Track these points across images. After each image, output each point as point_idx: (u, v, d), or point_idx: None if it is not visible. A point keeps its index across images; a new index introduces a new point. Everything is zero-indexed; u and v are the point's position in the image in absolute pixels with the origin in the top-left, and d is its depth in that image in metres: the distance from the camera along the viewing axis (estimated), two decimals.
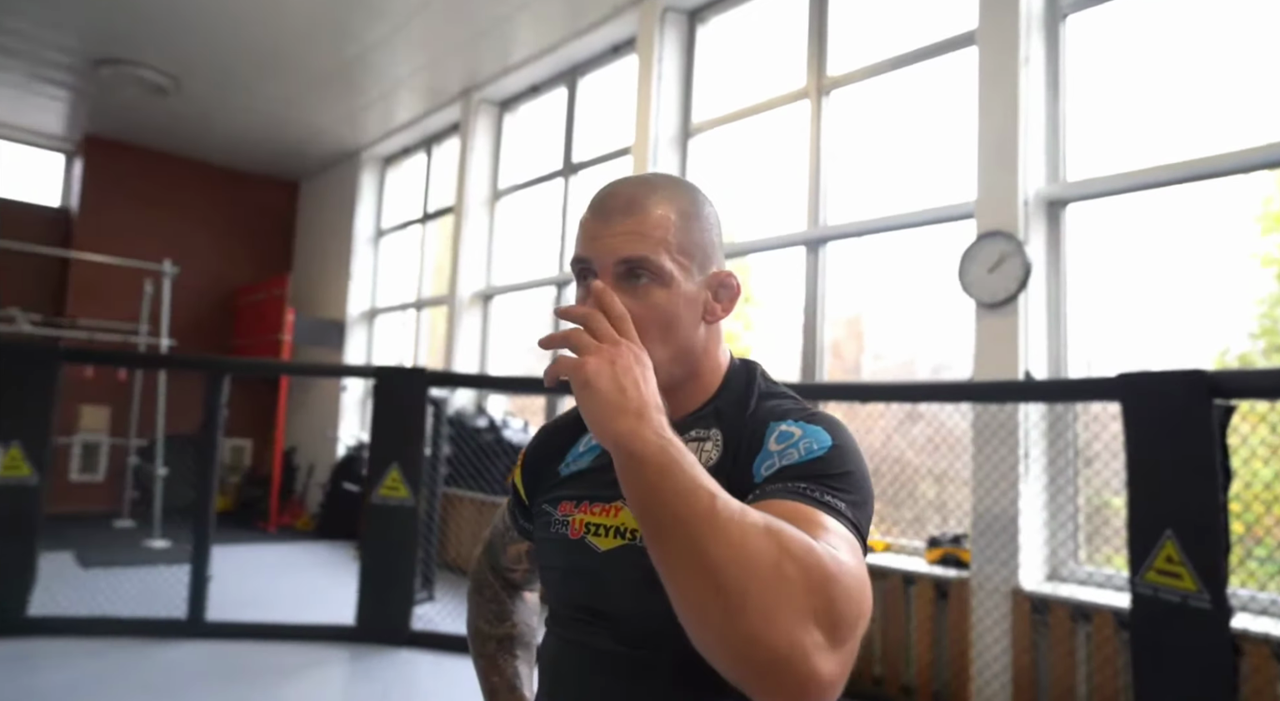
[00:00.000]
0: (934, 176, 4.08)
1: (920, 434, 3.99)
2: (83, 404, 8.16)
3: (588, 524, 0.86)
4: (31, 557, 4.19)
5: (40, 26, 6.06)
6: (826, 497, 0.72)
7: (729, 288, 0.88)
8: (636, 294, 0.81)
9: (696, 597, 0.59)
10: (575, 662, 0.87)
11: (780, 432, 0.81)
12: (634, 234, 0.81)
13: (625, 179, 0.87)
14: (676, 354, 0.84)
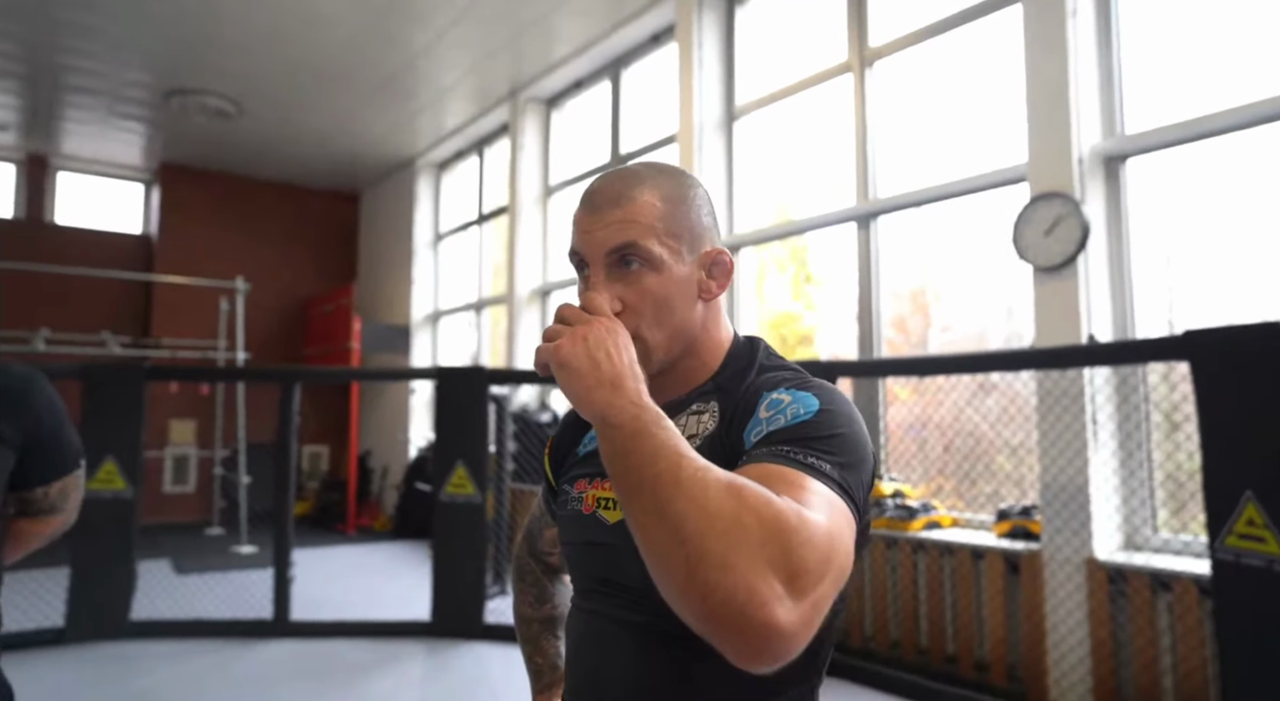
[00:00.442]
0: (984, 141, 3.96)
1: (994, 406, 3.87)
2: (171, 419, 8.58)
3: (598, 498, 0.89)
4: (131, 565, 4.43)
5: (117, 66, 6.39)
6: (810, 459, 0.72)
7: (721, 265, 0.90)
8: (629, 280, 0.84)
9: (660, 550, 0.62)
10: (594, 632, 0.89)
11: (771, 400, 0.82)
12: (620, 223, 0.84)
13: (611, 172, 0.90)
14: (674, 333, 0.87)
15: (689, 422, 0.88)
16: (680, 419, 0.88)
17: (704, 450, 0.82)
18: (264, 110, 7.30)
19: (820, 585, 0.60)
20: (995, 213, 3.85)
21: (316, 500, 8.80)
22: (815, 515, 0.64)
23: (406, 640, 4.30)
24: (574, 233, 0.88)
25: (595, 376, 0.71)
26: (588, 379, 0.71)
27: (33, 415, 1.40)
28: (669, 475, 0.63)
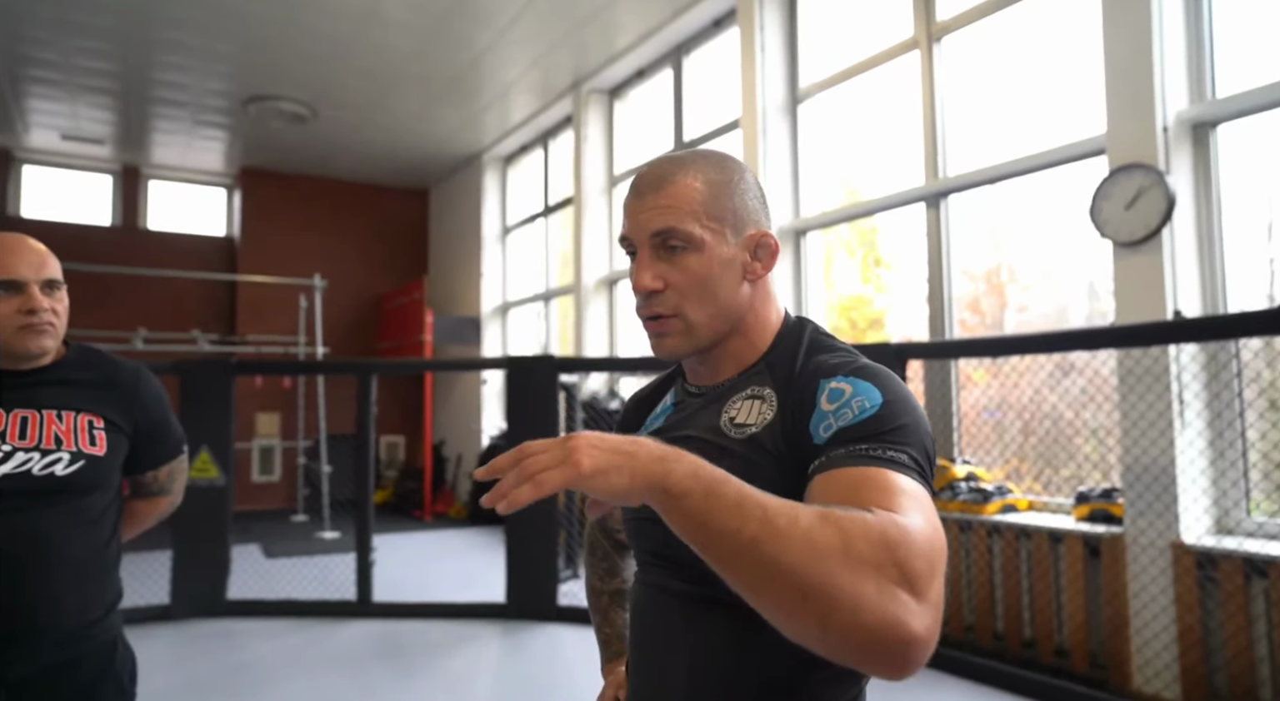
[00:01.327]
0: (1059, 114, 3.84)
1: (1074, 387, 3.76)
2: (257, 412, 8.96)
3: None
4: (225, 549, 4.67)
5: (200, 77, 6.70)
6: (889, 453, 0.74)
7: (766, 247, 0.92)
8: (673, 262, 0.88)
9: (785, 607, 0.61)
10: (652, 603, 0.93)
11: (831, 390, 0.82)
12: (664, 207, 0.88)
13: (657, 158, 0.93)
14: (718, 312, 0.90)
15: (745, 408, 0.89)
16: (736, 402, 0.91)
17: (763, 438, 0.85)
18: (336, 113, 7.53)
19: (935, 581, 0.62)
20: (1073, 187, 3.73)
21: (394, 488, 9.07)
22: (911, 518, 0.66)
23: (483, 621, 4.43)
24: (623, 217, 0.93)
25: (632, 462, 0.65)
26: (626, 468, 0.65)
27: (142, 405, 1.52)
28: (765, 531, 0.61)
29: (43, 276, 1.38)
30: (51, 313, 1.38)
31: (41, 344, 1.38)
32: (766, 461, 0.84)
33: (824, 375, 0.85)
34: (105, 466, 1.43)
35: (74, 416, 1.41)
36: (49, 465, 1.36)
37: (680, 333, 0.90)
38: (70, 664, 1.38)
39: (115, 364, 1.53)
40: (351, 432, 5.18)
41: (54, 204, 8.97)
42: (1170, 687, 2.91)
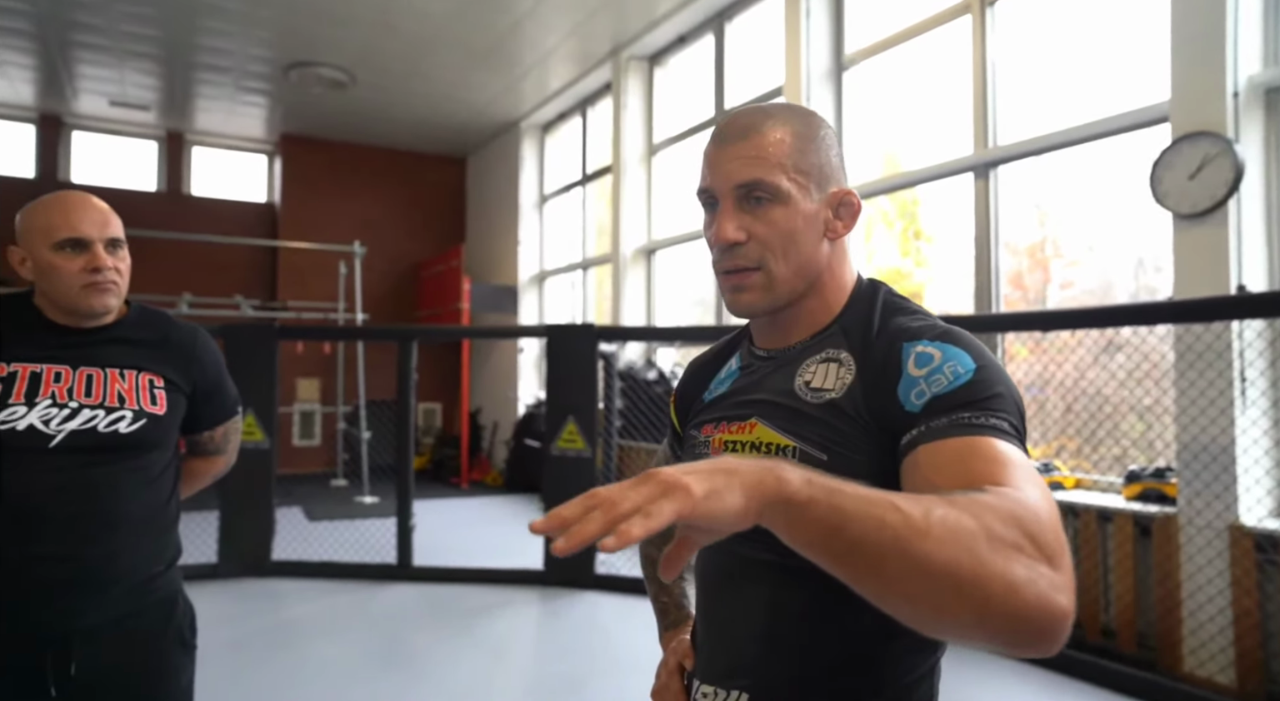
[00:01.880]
0: (1118, 80, 3.70)
1: (1121, 366, 3.67)
2: (298, 377, 9.09)
3: (725, 442, 0.91)
4: (270, 511, 4.77)
5: (242, 43, 6.72)
6: (991, 421, 0.72)
7: (849, 205, 0.90)
8: (757, 214, 0.86)
9: (939, 606, 0.58)
10: (727, 572, 0.91)
11: (918, 355, 0.80)
12: (750, 158, 0.85)
13: (742, 108, 0.90)
14: (799, 268, 0.87)
15: (820, 371, 0.87)
16: (810, 365, 0.88)
17: (842, 404, 0.82)
18: (376, 79, 7.52)
19: (1066, 552, 0.61)
20: (1127, 158, 3.61)
21: (431, 455, 9.19)
22: (1029, 492, 0.64)
23: (521, 587, 4.48)
24: (703, 168, 0.89)
25: (739, 478, 0.58)
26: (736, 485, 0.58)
27: (200, 365, 1.53)
28: (906, 528, 0.57)
29: (106, 235, 1.39)
30: (114, 271, 1.39)
31: (105, 302, 1.39)
32: (848, 426, 0.81)
33: (906, 338, 0.82)
34: (165, 425, 1.45)
35: (136, 375, 1.43)
36: (113, 422, 1.38)
37: (761, 287, 0.87)
38: (135, 615, 1.42)
39: (175, 324, 1.54)
40: (390, 399, 5.24)
41: (102, 169, 9.11)
42: (1225, 671, 2.85)
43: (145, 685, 1.44)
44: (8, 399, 1.32)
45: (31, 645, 1.33)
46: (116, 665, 1.39)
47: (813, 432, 0.83)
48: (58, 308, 1.40)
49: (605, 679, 3.22)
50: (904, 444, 0.76)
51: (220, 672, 3.16)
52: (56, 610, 1.33)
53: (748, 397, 0.92)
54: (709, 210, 0.90)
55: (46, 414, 1.34)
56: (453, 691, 3.08)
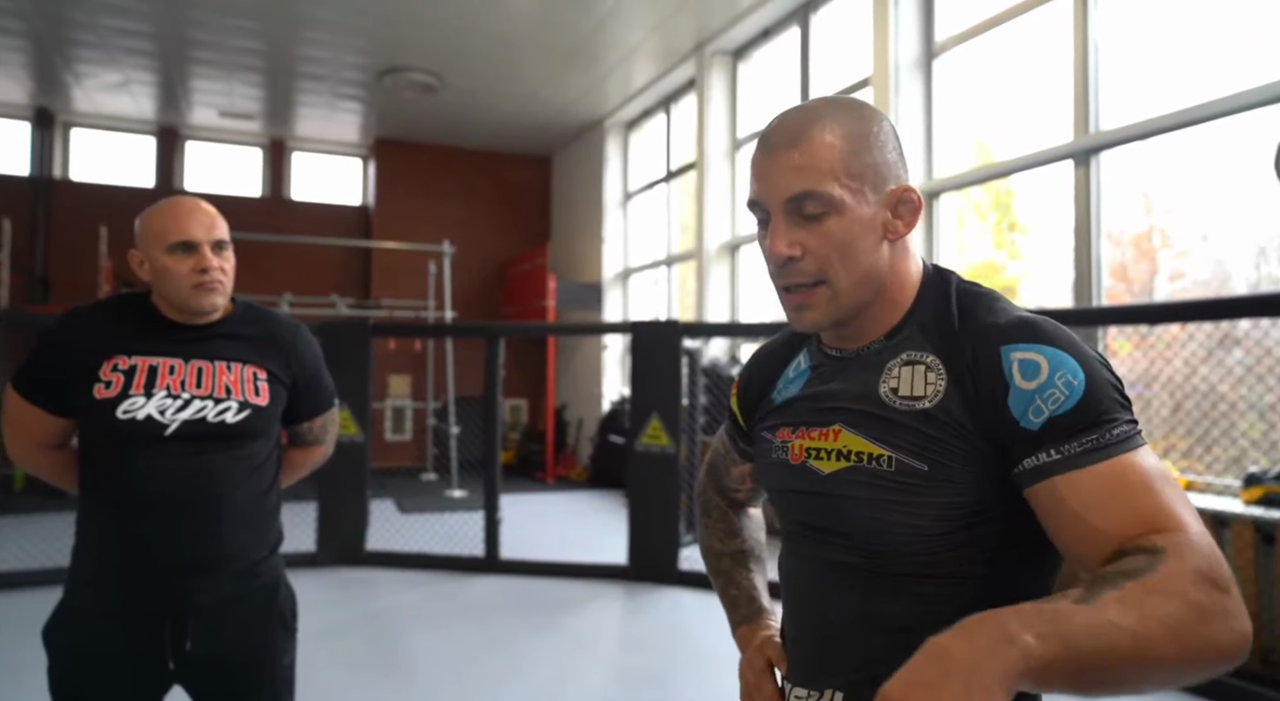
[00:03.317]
0: (1235, 56, 3.47)
1: (1239, 361, 3.44)
2: (390, 374, 9.41)
3: (807, 448, 0.89)
4: (364, 503, 4.95)
5: (339, 51, 7.01)
6: (1117, 431, 0.74)
7: (908, 203, 0.85)
8: (811, 227, 0.82)
9: (1165, 683, 0.64)
10: (811, 574, 0.91)
11: (1021, 363, 0.77)
12: (799, 167, 0.81)
13: (789, 110, 0.86)
14: (862, 277, 0.84)
15: (906, 376, 0.84)
16: (893, 370, 0.85)
17: (939, 413, 0.80)
18: (464, 82, 7.71)
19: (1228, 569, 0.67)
20: (1242, 139, 3.39)
21: (517, 450, 9.37)
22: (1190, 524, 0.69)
23: (605, 582, 4.52)
24: (752, 178, 0.86)
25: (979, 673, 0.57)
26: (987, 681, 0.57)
27: (299, 359, 1.61)
28: (1133, 645, 0.60)
29: (213, 237, 1.48)
30: (220, 271, 1.48)
31: (213, 301, 1.48)
32: (945, 434, 0.79)
33: (1002, 341, 0.79)
34: (268, 415, 1.53)
35: (241, 368, 1.51)
36: (221, 413, 1.46)
37: (825, 303, 0.84)
38: (242, 598, 1.50)
39: (277, 320, 1.62)
40: (478, 395, 5.37)
41: (212, 177, 9.64)
42: None
43: (252, 663, 1.53)
44: (129, 390, 1.42)
45: (151, 621, 1.42)
46: (226, 643, 1.47)
47: (907, 441, 0.81)
48: (171, 306, 1.49)
49: (688, 673, 3.22)
50: (1030, 468, 0.75)
51: (320, 656, 3.31)
52: (172, 589, 1.43)
53: (828, 403, 0.89)
54: (762, 224, 0.86)
55: (163, 404, 1.42)
56: (539, 682, 3.13)
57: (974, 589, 0.80)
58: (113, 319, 1.48)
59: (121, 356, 1.44)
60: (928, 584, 0.81)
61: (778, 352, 1.03)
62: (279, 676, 1.57)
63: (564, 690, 3.07)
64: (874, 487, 0.81)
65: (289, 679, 1.60)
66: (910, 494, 0.79)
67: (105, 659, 1.42)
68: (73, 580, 1.47)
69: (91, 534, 1.46)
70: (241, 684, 1.52)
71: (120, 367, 1.43)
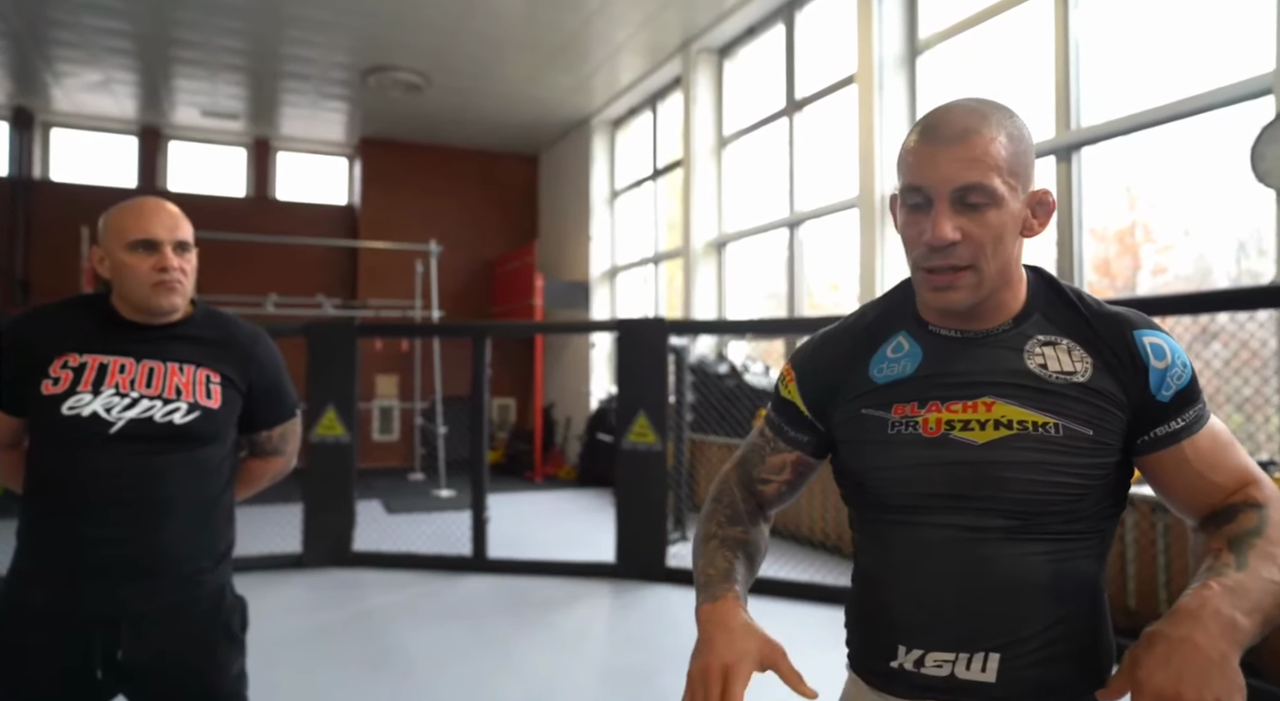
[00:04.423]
0: (1213, 53, 3.50)
1: (1217, 355, 3.47)
2: (376, 374, 9.38)
3: (948, 421, 0.95)
4: (351, 503, 4.92)
5: (324, 51, 6.98)
6: (1207, 407, 0.96)
7: (1045, 204, 0.95)
8: (972, 216, 0.90)
9: None
10: (945, 540, 0.94)
11: (1152, 346, 0.93)
12: (969, 160, 0.88)
13: (952, 104, 0.94)
14: (1004, 265, 0.93)
15: (1051, 354, 0.94)
16: (1036, 349, 0.95)
17: (1096, 385, 0.92)
18: (450, 81, 7.69)
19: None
20: (1222, 136, 3.41)
21: (505, 449, 9.36)
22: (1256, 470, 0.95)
23: (593, 580, 4.52)
24: (913, 165, 0.91)
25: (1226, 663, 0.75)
26: (1235, 663, 0.76)
27: (257, 365, 1.58)
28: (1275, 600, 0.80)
29: (175, 237, 1.47)
30: (180, 271, 1.46)
31: (172, 300, 1.46)
32: (1106, 404, 0.92)
33: (1130, 327, 0.94)
34: (220, 419, 1.50)
35: (194, 370, 1.49)
36: (169, 413, 1.44)
37: (970, 286, 0.92)
38: (183, 606, 1.46)
39: (237, 325, 1.60)
40: (465, 394, 5.36)
41: (196, 177, 9.58)
42: None
43: (194, 675, 1.48)
44: (76, 387, 1.41)
45: (81, 626, 1.38)
46: (163, 653, 1.43)
47: (1073, 410, 0.92)
48: (130, 305, 1.47)
49: (676, 670, 3.22)
50: (1163, 434, 0.93)
51: (308, 657, 3.29)
52: (106, 593, 1.39)
53: (968, 378, 0.95)
54: (915, 209, 0.92)
55: (109, 402, 1.41)
56: (528, 679, 3.13)
57: (1099, 541, 0.95)
58: (70, 318, 1.48)
59: (73, 354, 1.43)
60: (1068, 539, 0.93)
61: (855, 336, 1.06)
62: (225, 690, 1.52)
63: (553, 688, 3.07)
64: (1040, 452, 0.90)
65: (238, 692, 1.55)
66: (1074, 455, 0.90)
67: (32, 663, 1.38)
68: (7, 580, 1.44)
69: (33, 533, 1.43)
70: (184, 696, 1.48)
71: (70, 365, 1.42)
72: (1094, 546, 0.94)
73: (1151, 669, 0.75)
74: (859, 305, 4.00)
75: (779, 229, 6.16)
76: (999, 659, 0.91)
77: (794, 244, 6.02)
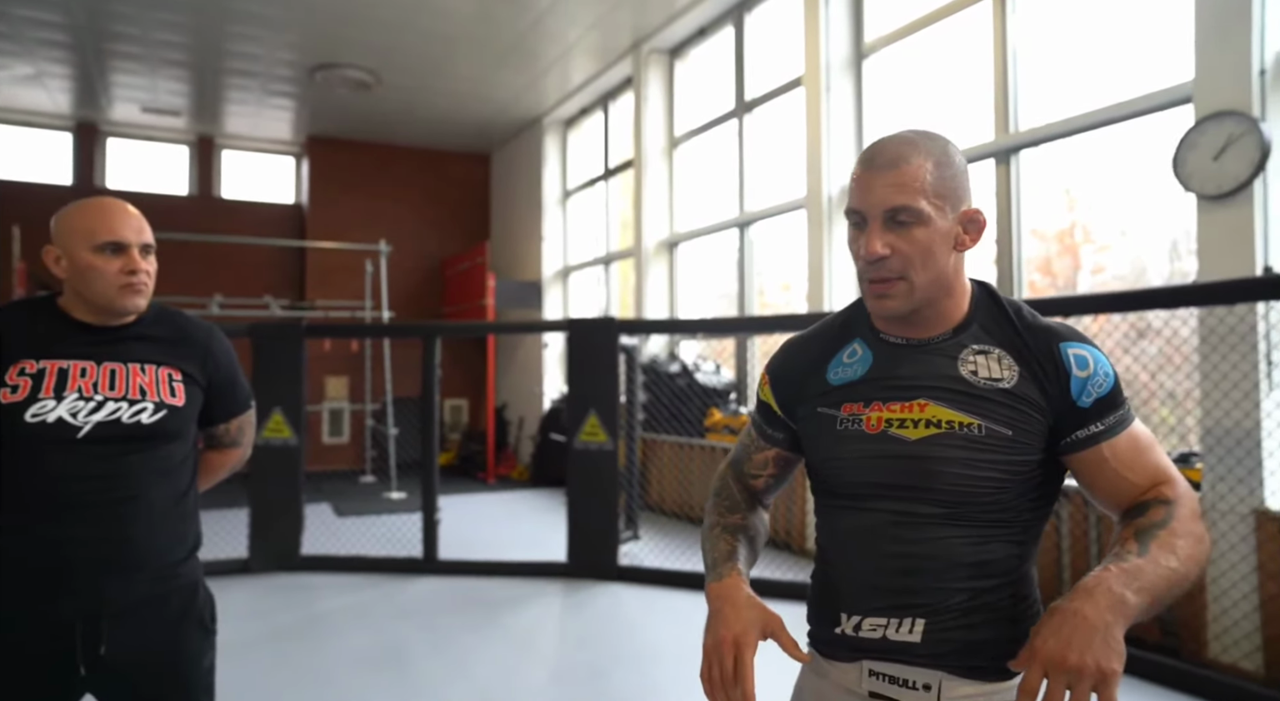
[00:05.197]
0: (1142, 61, 3.64)
1: (1151, 352, 3.61)
2: (326, 375, 9.23)
3: (887, 419, 1.06)
4: (299, 507, 4.85)
5: (270, 47, 6.85)
6: (1127, 408, 1.03)
7: (976, 222, 1.05)
8: (900, 233, 1.01)
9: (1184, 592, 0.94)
10: (889, 524, 1.06)
11: (1075, 357, 1.02)
12: (898, 185, 1.00)
13: (889, 136, 1.05)
14: (935, 278, 1.03)
15: (981, 362, 1.04)
16: (970, 357, 1.05)
17: (1020, 392, 1.01)
18: (400, 79, 7.61)
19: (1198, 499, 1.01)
20: (1157, 140, 3.55)
21: (458, 450, 9.28)
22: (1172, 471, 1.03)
23: (544, 579, 4.52)
24: (854, 192, 1.04)
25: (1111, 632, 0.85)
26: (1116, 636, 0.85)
27: (214, 360, 1.61)
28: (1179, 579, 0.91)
29: (142, 240, 1.48)
30: (146, 274, 1.48)
31: (137, 302, 1.48)
32: (1031, 409, 1.01)
33: (1057, 339, 1.03)
34: (184, 416, 1.53)
35: (155, 369, 1.50)
36: (136, 414, 1.45)
37: (903, 295, 1.03)
38: (159, 600, 1.48)
39: (191, 322, 1.62)
40: (417, 395, 5.32)
41: (136, 175, 9.32)
42: (1250, 657, 2.81)
43: (170, 667, 1.50)
44: (38, 393, 1.40)
45: (63, 626, 1.39)
46: (143, 647, 1.45)
47: (995, 413, 1.01)
48: (86, 307, 1.47)
49: (628, 667, 3.25)
50: (1083, 437, 1.01)
51: (256, 664, 3.24)
52: (85, 592, 1.40)
53: (907, 382, 1.06)
54: (857, 227, 1.05)
55: (74, 407, 1.41)
56: (479, 680, 3.12)
57: (1022, 529, 1.04)
58: (18, 322, 1.46)
59: (28, 360, 1.42)
60: (992, 526, 1.03)
61: (819, 342, 1.18)
62: (198, 681, 1.55)
63: (504, 687, 3.07)
64: (965, 449, 1.00)
65: (209, 684, 1.58)
66: (994, 453, 1.00)
67: (13, 664, 1.39)
68: None
69: (7, 540, 1.42)
70: (160, 688, 1.50)
71: (28, 371, 1.41)
72: (1017, 534, 1.03)
73: (1046, 637, 0.85)
74: (808, 305, 4.13)
75: (729, 229, 6.23)
76: (924, 623, 1.03)
77: (744, 244, 6.09)
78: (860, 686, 1.08)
